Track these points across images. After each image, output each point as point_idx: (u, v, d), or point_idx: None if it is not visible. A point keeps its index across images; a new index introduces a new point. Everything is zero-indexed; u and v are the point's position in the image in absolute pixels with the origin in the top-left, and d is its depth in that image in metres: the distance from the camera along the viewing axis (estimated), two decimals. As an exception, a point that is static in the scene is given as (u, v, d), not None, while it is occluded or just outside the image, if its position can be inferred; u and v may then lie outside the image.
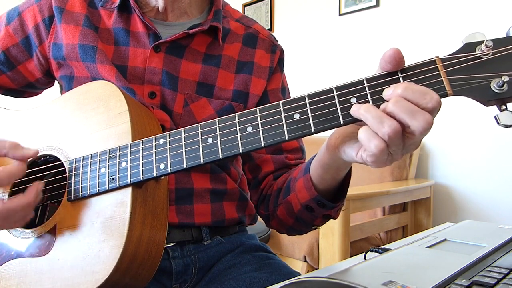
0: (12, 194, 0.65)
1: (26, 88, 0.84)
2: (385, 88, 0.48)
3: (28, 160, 0.66)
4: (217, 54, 0.79)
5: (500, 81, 0.45)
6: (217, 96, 0.78)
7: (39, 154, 0.65)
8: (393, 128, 0.44)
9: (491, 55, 0.46)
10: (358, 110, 0.47)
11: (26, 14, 0.77)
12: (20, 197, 0.56)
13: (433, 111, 0.45)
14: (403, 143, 0.47)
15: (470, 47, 0.47)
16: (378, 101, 0.48)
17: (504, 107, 0.47)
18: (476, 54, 0.46)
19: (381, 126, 0.45)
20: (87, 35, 0.74)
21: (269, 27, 3.17)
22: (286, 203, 0.72)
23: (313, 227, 0.75)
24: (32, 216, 0.59)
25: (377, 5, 2.55)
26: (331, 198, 0.67)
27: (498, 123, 0.46)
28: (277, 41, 0.88)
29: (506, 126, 0.46)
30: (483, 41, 0.46)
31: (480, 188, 2.17)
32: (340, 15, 2.74)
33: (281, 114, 0.51)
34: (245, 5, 3.38)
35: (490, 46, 0.46)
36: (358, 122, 0.49)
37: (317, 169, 0.64)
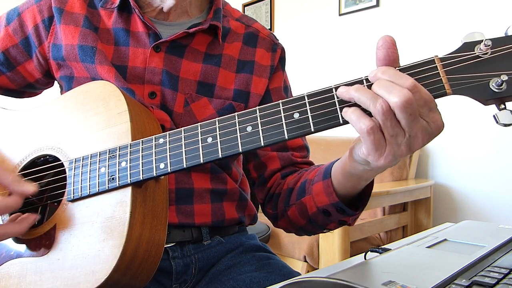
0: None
1: (25, 89, 0.84)
2: None
3: (28, 159, 0.66)
4: (217, 53, 0.79)
5: (499, 80, 0.45)
6: (217, 95, 0.78)
7: (39, 154, 0.66)
8: (382, 105, 0.45)
9: (490, 54, 0.46)
10: (348, 91, 0.48)
11: (25, 15, 0.77)
12: (14, 225, 0.59)
13: (412, 91, 0.45)
14: (397, 127, 0.47)
15: (469, 46, 0.47)
16: None
17: (502, 106, 0.47)
18: (475, 53, 0.47)
19: (373, 104, 0.46)
20: (87, 35, 0.74)
21: (269, 27, 3.18)
22: (300, 205, 0.71)
23: (325, 230, 0.74)
24: None
25: (377, 5, 2.55)
26: (348, 204, 0.66)
27: (497, 122, 0.46)
28: (278, 40, 0.88)
29: (505, 125, 0.46)
30: (482, 41, 0.46)
31: (480, 188, 2.17)
32: (340, 15, 2.74)
33: (281, 114, 0.51)
34: (245, 5, 3.38)
35: (489, 45, 0.46)
36: None
37: (338, 175, 0.63)
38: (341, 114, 0.49)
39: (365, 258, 0.57)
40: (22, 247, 0.62)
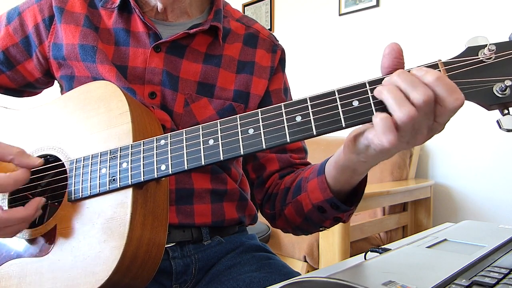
0: (11, 200, 0.65)
1: (25, 88, 0.84)
2: None
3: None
4: (217, 54, 0.79)
5: (503, 86, 0.45)
6: (217, 96, 0.78)
7: (39, 154, 0.66)
8: (407, 112, 0.45)
9: (493, 59, 0.46)
10: (380, 91, 0.47)
11: (26, 14, 0.77)
12: (19, 210, 0.57)
13: (435, 86, 0.45)
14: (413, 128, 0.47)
15: (472, 51, 0.47)
16: (380, 104, 0.48)
17: (506, 111, 0.46)
18: (479, 58, 0.46)
19: (398, 110, 0.45)
20: (87, 35, 0.74)
21: (269, 27, 3.17)
22: (296, 203, 0.72)
23: (320, 228, 0.74)
24: (26, 227, 0.60)
25: (377, 5, 2.55)
26: (343, 200, 0.66)
27: (500, 128, 0.46)
28: (278, 41, 0.88)
29: (508, 130, 0.46)
30: (486, 45, 0.46)
31: (480, 188, 2.17)
32: (340, 15, 2.74)
33: (283, 117, 0.51)
34: (245, 5, 3.38)
35: (493, 50, 0.46)
36: (361, 124, 0.49)
37: (331, 170, 0.63)
38: (343, 117, 0.49)
39: (365, 258, 0.57)
40: (22, 247, 0.62)
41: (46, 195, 0.67)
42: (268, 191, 0.81)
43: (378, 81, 0.49)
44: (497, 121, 0.46)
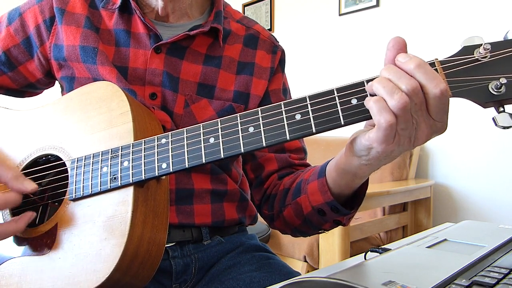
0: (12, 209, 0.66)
1: (26, 88, 0.84)
2: None
3: (30, 159, 0.66)
4: (217, 55, 0.79)
5: (498, 83, 0.46)
6: (217, 97, 0.78)
7: (41, 154, 0.66)
8: (399, 98, 0.46)
9: (489, 58, 0.47)
10: (371, 85, 0.48)
11: (27, 15, 0.77)
12: (12, 224, 0.59)
13: (415, 73, 0.46)
14: (411, 120, 0.47)
15: (468, 50, 0.48)
16: None
17: (501, 108, 0.47)
18: (475, 56, 0.47)
19: (391, 97, 0.46)
20: (88, 36, 0.74)
21: (269, 27, 3.18)
22: (295, 205, 0.71)
23: (319, 231, 0.74)
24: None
25: (377, 5, 2.55)
26: (343, 203, 0.66)
27: (495, 125, 0.47)
28: (278, 42, 0.88)
29: (504, 127, 0.47)
30: (481, 44, 0.47)
31: (480, 188, 2.17)
32: (340, 15, 2.74)
33: (283, 115, 0.51)
34: (245, 5, 3.38)
35: (488, 49, 0.47)
36: (360, 122, 0.49)
37: (332, 173, 0.63)
38: (342, 115, 0.49)
39: (365, 258, 0.58)
40: (23, 246, 0.62)
41: (46, 194, 0.68)
42: (266, 192, 0.81)
43: None
44: (493, 119, 0.47)
